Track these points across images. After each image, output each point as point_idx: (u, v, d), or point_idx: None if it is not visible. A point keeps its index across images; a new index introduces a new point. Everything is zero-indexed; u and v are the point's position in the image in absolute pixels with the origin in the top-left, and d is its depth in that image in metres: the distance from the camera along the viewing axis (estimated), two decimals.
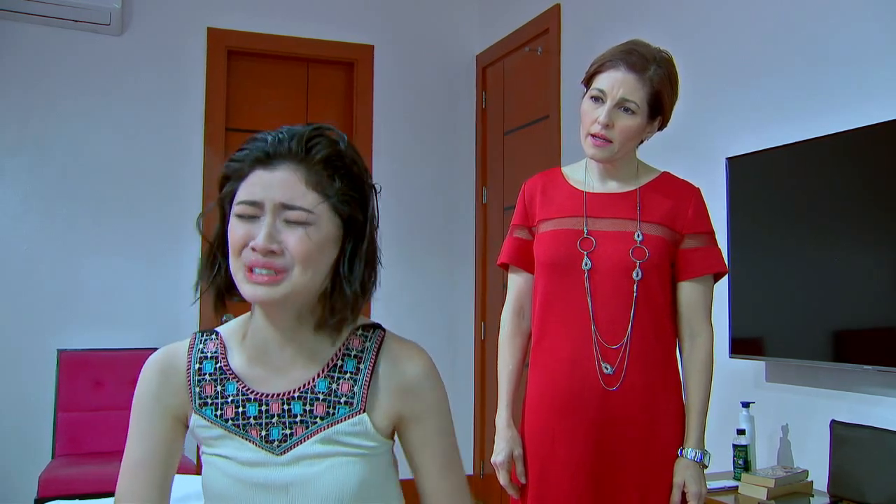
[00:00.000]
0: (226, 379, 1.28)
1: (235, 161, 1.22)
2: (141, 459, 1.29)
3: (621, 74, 2.00)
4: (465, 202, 5.20)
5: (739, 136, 3.11)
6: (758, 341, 2.89)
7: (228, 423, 1.27)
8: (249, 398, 1.27)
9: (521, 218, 2.23)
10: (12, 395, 4.20)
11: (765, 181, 2.87)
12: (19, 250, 4.29)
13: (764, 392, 2.97)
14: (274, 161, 1.19)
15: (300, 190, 1.18)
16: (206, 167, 4.60)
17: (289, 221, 1.18)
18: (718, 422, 3.09)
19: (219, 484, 1.28)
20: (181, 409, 1.31)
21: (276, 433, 1.26)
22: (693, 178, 3.38)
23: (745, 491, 2.64)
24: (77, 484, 3.49)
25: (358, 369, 1.28)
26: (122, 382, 4.16)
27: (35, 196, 4.34)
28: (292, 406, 1.26)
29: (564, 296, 2.06)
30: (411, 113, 5.11)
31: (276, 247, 1.17)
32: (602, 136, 2.01)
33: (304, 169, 1.19)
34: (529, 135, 4.68)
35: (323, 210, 1.19)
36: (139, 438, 1.30)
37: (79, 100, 4.43)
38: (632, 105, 1.99)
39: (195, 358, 1.31)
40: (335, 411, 1.26)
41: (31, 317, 4.27)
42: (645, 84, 1.99)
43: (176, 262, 4.47)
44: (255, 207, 1.18)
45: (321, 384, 1.27)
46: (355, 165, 1.24)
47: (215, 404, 1.28)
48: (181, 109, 4.62)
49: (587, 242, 2.05)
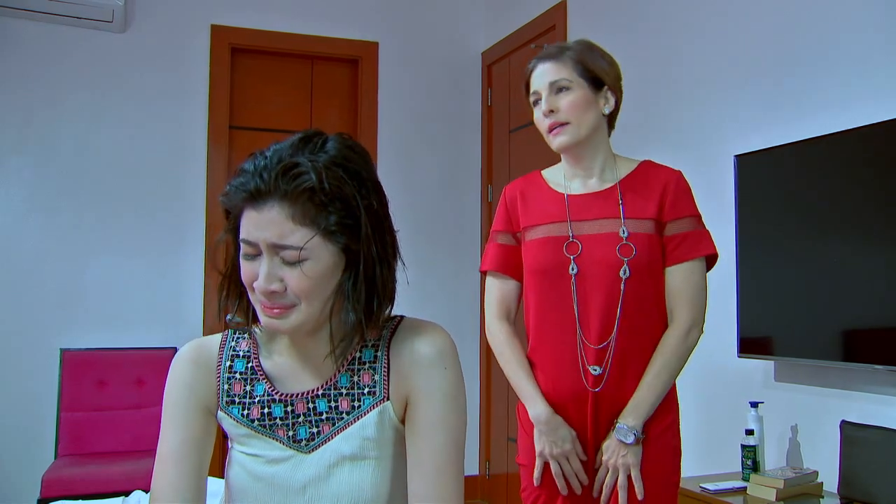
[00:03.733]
0: (256, 379, 1.29)
1: (227, 196, 1.19)
2: (176, 450, 1.27)
3: (540, 67, 2.07)
4: (471, 200, 5.19)
5: (748, 134, 3.10)
6: (766, 341, 2.87)
7: (255, 424, 1.28)
8: (275, 399, 1.28)
9: (503, 224, 2.19)
10: (15, 394, 4.21)
11: (774, 179, 2.85)
12: (23, 249, 4.30)
13: (773, 392, 2.95)
14: (259, 200, 1.15)
15: (288, 227, 1.14)
16: (209, 166, 4.60)
17: (285, 261, 1.16)
18: (726, 422, 3.09)
19: (240, 480, 1.29)
20: (211, 401, 1.31)
21: (304, 432, 1.27)
22: (701, 176, 3.38)
23: (754, 492, 2.63)
24: (80, 484, 3.49)
25: (376, 357, 1.28)
26: (126, 382, 4.16)
27: (39, 195, 4.35)
28: (317, 404, 1.27)
29: (554, 301, 2.04)
30: (416, 110, 5.11)
31: (277, 286, 1.17)
32: (556, 123, 2.04)
33: (289, 204, 1.14)
34: (535, 132, 4.57)
35: (316, 243, 1.16)
36: (173, 429, 1.28)
37: (82, 98, 4.43)
38: (563, 82, 2.03)
39: (227, 355, 1.32)
40: (360, 404, 1.26)
41: (35, 316, 4.28)
42: (566, 62, 2.03)
43: (180, 262, 4.47)
44: (253, 247, 1.17)
45: (343, 379, 1.27)
46: (343, 190, 1.16)
47: (242, 403, 1.29)
48: (185, 107, 4.61)
49: (573, 246, 2.03)
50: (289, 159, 1.15)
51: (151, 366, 4.16)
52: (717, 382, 3.18)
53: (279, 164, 1.14)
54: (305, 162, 1.14)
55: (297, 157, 1.15)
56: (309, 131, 1.21)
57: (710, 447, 3.15)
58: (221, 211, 1.25)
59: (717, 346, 3.14)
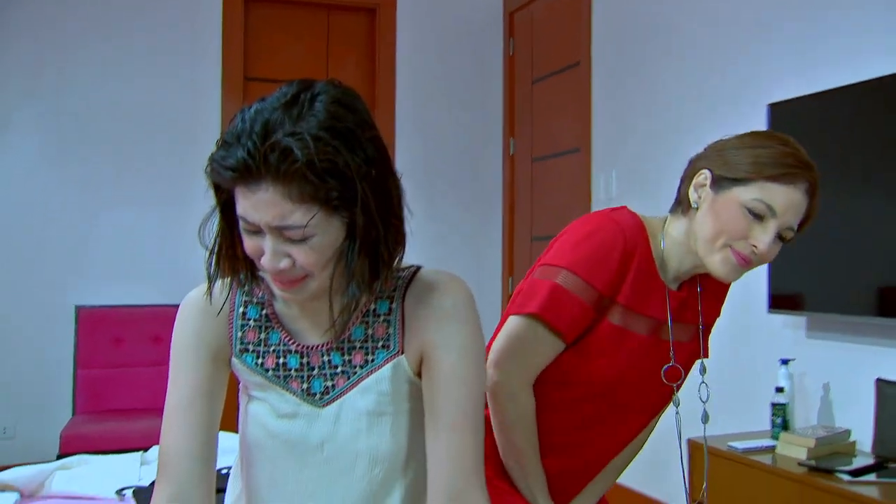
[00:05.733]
0: (270, 327, 1.27)
1: (214, 172, 1.12)
2: (185, 400, 1.25)
3: (796, 196, 1.51)
4: (492, 154, 5.15)
5: (781, 81, 3.04)
6: (797, 296, 2.84)
7: (269, 374, 1.26)
8: (291, 349, 1.25)
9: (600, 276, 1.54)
10: (32, 351, 4.26)
11: (808, 128, 2.80)
12: (35, 203, 4.32)
13: (804, 349, 2.93)
14: (250, 181, 1.08)
15: (287, 207, 1.08)
16: (224, 118, 4.59)
17: (290, 238, 1.12)
18: (756, 379, 3.08)
19: (254, 434, 1.27)
20: (222, 350, 1.28)
21: (318, 385, 1.25)
22: (733, 127, 3.31)
23: (784, 451, 2.62)
24: (99, 441, 3.53)
25: (391, 309, 1.24)
26: (143, 339, 4.20)
27: (50, 146, 4.36)
28: (332, 357, 1.25)
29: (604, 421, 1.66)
30: (436, 61, 5.05)
31: (285, 263, 1.13)
32: (749, 260, 1.52)
33: (283, 184, 1.07)
34: (559, 83, 4.61)
35: (319, 219, 1.10)
36: (182, 378, 1.27)
37: (93, 47, 4.42)
38: (790, 233, 1.53)
39: (239, 301, 1.29)
40: (374, 357, 1.24)
41: (49, 272, 4.31)
42: (805, 207, 1.55)
43: (195, 216, 4.41)
44: (253, 226, 1.12)
45: (357, 331, 1.25)
46: (336, 160, 1.08)
47: (257, 352, 1.27)
48: (198, 58, 4.59)
49: (674, 372, 1.64)
50: (273, 135, 1.06)
51: (168, 323, 4.09)
52: (746, 339, 3.16)
53: (264, 139, 1.06)
54: (291, 141, 1.05)
55: (282, 127, 1.07)
56: (294, 87, 1.12)
57: (739, 405, 3.15)
58: (208, 184, 1.17)
59: (746, 302, 3.12)
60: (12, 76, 4.31)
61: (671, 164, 3.66)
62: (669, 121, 3.63)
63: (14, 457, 3.90)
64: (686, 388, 1.69)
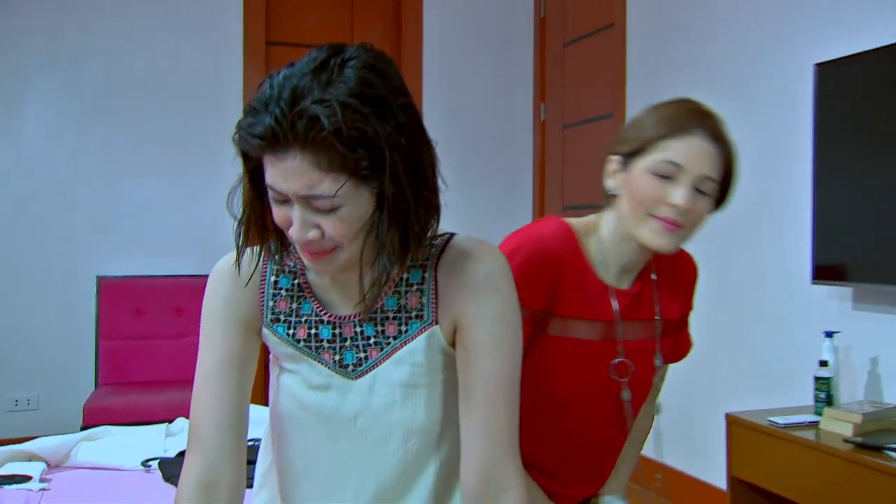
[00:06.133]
0: (303, 297, 1.26)
1: (241, 140, 1.11)
2: (215, 370, 1.24)
3: (703, 144, 1.49)
4: (523, 119, 5.07)
5: (829, 40, 2.94)
6: (843, 266, 2.76)
7: (300, 345, 1.25)
8: (323, 320, 1.25)
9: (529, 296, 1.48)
10: (54, 322, 4.26)
11: (856, 89, 2.71)
12: (55, 172, 4.30)
13: (850, 321, 2.85)
14: (278, 149, 1.07)
15: (316, 176, 1.07)
16: (246, 84, 4.54)
17: (318, 208, 1.10)
18: (798, 352, 3.00)
19: (286, 406, 1.27)
20: (253, 319, 1.27)
21: (351, 357, 1.24)
22: (777, 88, 3.23)
23: (828, 426, 2.54)
24: (122, 413, 3.54)
25: (423, 279, 1.23)
26: (165, 311, 4.18)
27: (69, 114, 4.33)
28: (365, 328, 1.24)
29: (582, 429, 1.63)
30: (464, 23, 4.96)
31: (314, 234, 1.12)
32: (678, 223, 1.49)
33: (311, 153, 1.05)
34: (592, 46, 4.52)
35: (348, 189, 1.08)
36: (211, 346, 1.26)
37: (112, 12, 4.37)
38: (711, 185, 1.50)
39: (270, 270, 1.28)
40: (407, 328, 1.23)
41: (70, 241, 4.30)
42: (721, 158, 1.51)
43: (218, 185, 4.43)
44: (282, 195, 1.11)
45: (390, 301, 1.23)
46: (365, 128, 1.06)
47: (288, 322, 1.26)
48: (219, 22, 4.54)
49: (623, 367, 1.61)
50: (301, 101, 1.04)
51: (190, 294, 4.15)
52: (788, 311, 3.09)
53: (292, 106, 1.04)
54: (318, 109, 1.03)
55: (310, 94, 1.05)
56: (324, 52, 1.10)
57: (780, 379, 3.08)
58: (236, 152, 1.16)
59: (788, 272, 3.05)
60: (30, 44, 4.27)
61: None
62: (709, 84, 3.51)
63: (37, 429, 3.91)
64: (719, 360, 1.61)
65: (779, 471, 2.60)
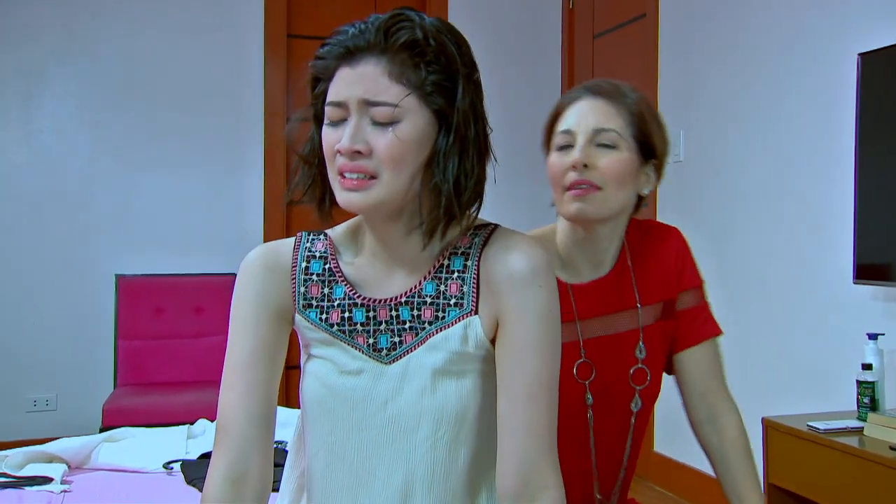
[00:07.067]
0: (334, 281, 1.28)
1: (320, 59, 1.19)
2: (247, 356, 1.26)
3: (587, 102, 1.56)
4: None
5: (874, 29, 2.89)
6: (887, 265, 2.72)
7: (333, 329, 1.26)
8: (357, 303, 1.26)
9: None
10: (72, 322, 4.28)
11: None
12: (73, 168, 4.32)
13: (894, 323, 2.79)
14: (356, 56, 1.15)
15: (383, 83, 1.14)
16: (267, 77, 4.54)
17: (375, 122, 1.15)
18: (840, 355, 2.95)
19: (316, 393, 1.27)
20: (285, 308, 1.29)
21: (385, 341, 1.25)
22: (819, 79, 3.17)
23: (873, 433, 2.50)
24: (142, 414, 3.55)
25: (465, 267, 1.24)
26: (185, 310, 4.19)
27: (87, 109, 4.34)
28: (400, 312, 1.24)
29: None
30: (490, 16, 4.95)
31: (363, 146, 1.15)
32: (583, 182, 1.52)
33: (387, 60, 1.15)
34: (623, 37, 4.49)
35: (410, 103, 1.15)
36: (242, 338, 1.27)
37: (129, 5, 4.38)
38: (612, 136, 1.53)
39: (302, 256, 1.30)
40: (445, 315, 1.24)
41: (88, 239, 4.32)
42: (621, 110, 1.55)
43: (238, 181, 4.44)
44: (341, 109, 1.17)
45: (428, 287, 1.25)
46: (445, 49, 1.18)
47: (321, 307, 1.27)
48: (240, 15, 4.54)
49: (585, 368, 1.59)
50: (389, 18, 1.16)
51: (210, 293, 4.15)
52: (829, 312, 3.05)
53: (380, 20, 1.15)
54: (405, 21, 1.15)
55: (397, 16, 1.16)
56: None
57: (821, 383, 3.04)
58: (306, 82, 1.23)
59: (829, 271, 3.01)
60: (47, 38, 4.29)
61: (746, 125, 3.52)
62: (745, 77, 3.47)
63: (56, 429, 3.92)
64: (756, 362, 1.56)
65: (819, 478, 2.56)
